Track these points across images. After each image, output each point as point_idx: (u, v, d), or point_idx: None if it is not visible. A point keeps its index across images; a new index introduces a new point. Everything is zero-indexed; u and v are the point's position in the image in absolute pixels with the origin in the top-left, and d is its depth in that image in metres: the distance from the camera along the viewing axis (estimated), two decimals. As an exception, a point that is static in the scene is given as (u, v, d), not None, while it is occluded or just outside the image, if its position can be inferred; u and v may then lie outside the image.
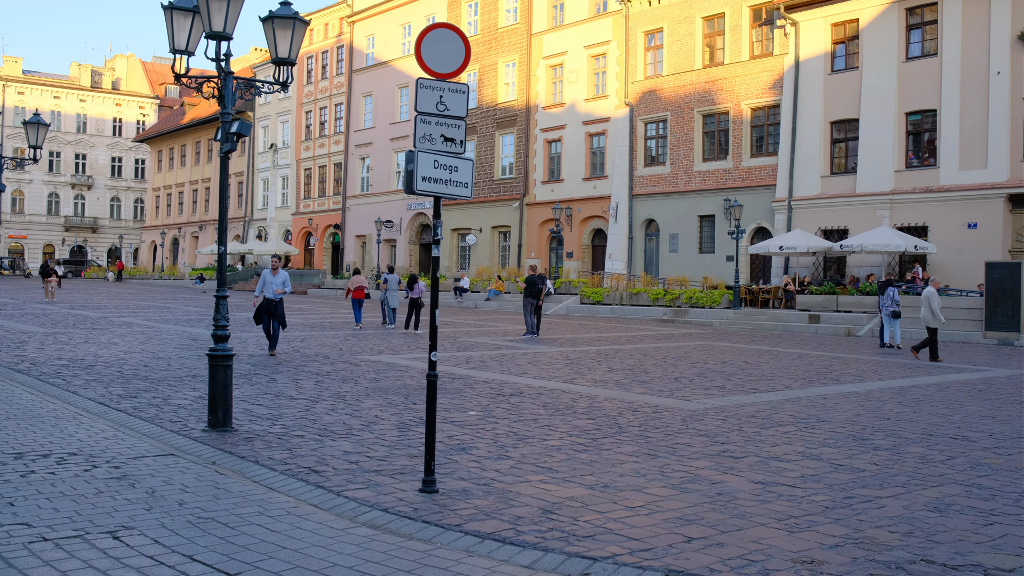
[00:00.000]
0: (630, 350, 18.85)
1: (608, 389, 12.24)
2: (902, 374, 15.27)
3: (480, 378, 13.15)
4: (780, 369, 15.58)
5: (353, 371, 13.68)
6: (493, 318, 30.70)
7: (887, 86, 30.86)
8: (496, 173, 46.11)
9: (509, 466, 7.27)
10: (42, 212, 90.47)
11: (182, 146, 76.66)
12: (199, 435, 8.37)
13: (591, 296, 34.71)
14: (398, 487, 6.52)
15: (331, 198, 58.64)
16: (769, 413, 10.38)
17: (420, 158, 6.21)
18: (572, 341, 21.21)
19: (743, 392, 12.28)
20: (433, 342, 6.44)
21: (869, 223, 30.39)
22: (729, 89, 35.91)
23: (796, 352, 19.46)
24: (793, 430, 9.26)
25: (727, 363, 16.43)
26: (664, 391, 12.16)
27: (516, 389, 12.01)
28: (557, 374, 13.91)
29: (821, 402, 11.43)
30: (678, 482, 6.83)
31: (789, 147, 33.46)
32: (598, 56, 41.41)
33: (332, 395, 11.07)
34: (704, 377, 13.99)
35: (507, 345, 19.45)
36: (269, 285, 14.97)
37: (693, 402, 11.19)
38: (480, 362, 15.51)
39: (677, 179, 37.67)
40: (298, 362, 14.78)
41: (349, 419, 9.35)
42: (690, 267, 36.10)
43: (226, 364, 8.70)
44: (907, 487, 6.82)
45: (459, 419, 9.48)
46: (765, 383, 13.41)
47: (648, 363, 16.04)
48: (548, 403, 10.78)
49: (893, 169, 30.63)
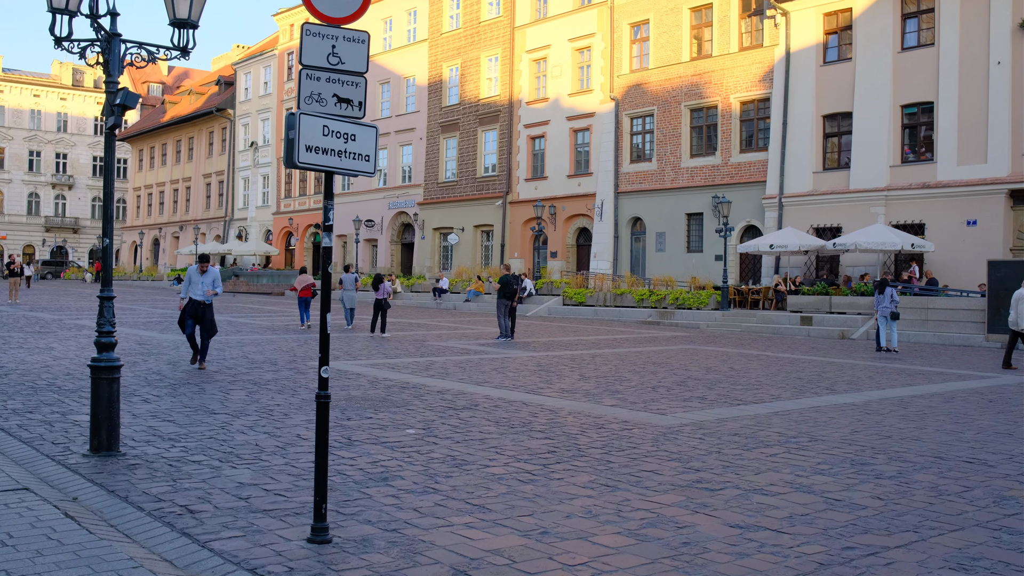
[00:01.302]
0: (608, 355, 17.54)
1: (575, 401, 10.92)
2: (902, 382, 13.98)
3: (435, 388, 11.82)
4: (768, 376, 14.29)
5: (296, 380, 12.34)
6: (470, 320, 29.37)
7: (882, 78, 29.62)
8: (479, 170, 44.77)
9: (433, 503, 5.95)
10: (22, 212, 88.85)
11: (163, 145, 75.15)
12: (75, 462, 7.04)
13: (574, 297, 33.39)
14: (283, 534, 5.19)
15: (312, 197, 57.23)
16: (754, 430, 9.07)
17: (304, 123, 4.88)
18: (547, 345, 19.89)
19: (726, 404, 10.97)
20: (324, 354, 5.09)
21: (863, 220, 29.15)
22: (717, 82, 34.64)
23: (787, 357, 18.17)
24: (781, 452, 7.96)
25: (711, 369, 15.13)
26: (637, 403, 10.85)
27: (471, 401, 10.68)
28: (522, 383, 12.59)
29: (813, 416, 10.14)
30: (637, 526, 5.52)
31: (780, 142, 32.20)
32: (583, 49, 40.10)
33: (259, 409, 9.73)
34: (684, 386, 12.68)
35: (476, 349, 18.12)
36: (196, 285, 13.10)
37: (668, 416, 9.88)
38: (441, 369, 14.18)
39: (664, 176, 36.39)
40: (240, 369, 13.43)
41: (265, 439, 8.02)
42: (677, 267, 34.82)
43: (111, 377, 7.36)
44: (920, 532, 5.51)
45: (394, 439, 8.15)
46: (751, 393, 12.10)
47: (625, 370, 14.73)
48: (502, 419, 9.46)
49: (888, 164, 29.38)
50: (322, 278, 5.14)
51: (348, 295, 23.38)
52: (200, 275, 13.11)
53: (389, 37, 51.32)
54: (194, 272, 13.25)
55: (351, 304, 23.46)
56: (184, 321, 13.15)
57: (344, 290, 23.48)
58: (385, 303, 21.51)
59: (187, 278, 13.18)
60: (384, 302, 21.50)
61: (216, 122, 66.52)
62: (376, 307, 21.62)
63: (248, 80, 64.22)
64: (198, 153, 69.58)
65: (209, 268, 13.10)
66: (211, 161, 67.89)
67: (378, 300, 21.58)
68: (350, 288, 23.44)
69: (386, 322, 21.59)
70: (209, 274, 13.06)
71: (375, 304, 21.70)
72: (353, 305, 23.57)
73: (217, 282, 13.07)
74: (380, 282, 21.81)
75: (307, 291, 23.14)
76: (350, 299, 23.42)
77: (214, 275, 13.09)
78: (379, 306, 21.52)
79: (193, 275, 13.22)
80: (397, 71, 50.28)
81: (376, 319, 21.59)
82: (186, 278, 13.23)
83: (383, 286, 21.69)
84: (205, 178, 68.64)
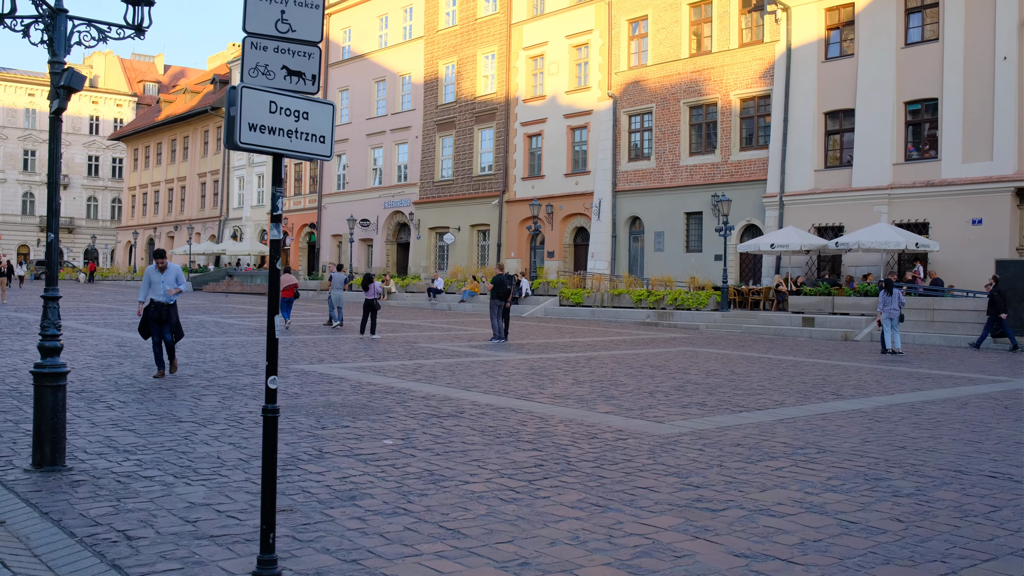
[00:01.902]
0: (604, 357, 16.91)
1: (567, 407, 10.30)
2: (911, 386, 13.35)
3: (420, 393, 11.20)
4: (771, 380, 13.66)
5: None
6: (464, 321, 28.75)
7: (885, 74, 28.99)
8: (475, 169, 44.14)
9: (403, 527, 5.33)
10: (16, 212, 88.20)
11: (158, 144, 74.48)
12: (15, 478, 6.42)
13: (570, 297, 32.75)
14: (227, 566, 4.57)
15: (307, 196, 56.58)
16: (758, 440, 8.46)
17: (247, 98, 4.24)
18: (542, 347, 19.26)
19: (727, 410, 10.36)
20: (272, 362, 4.46)
21: (866, 219, 28.52)
22: (717, 79, 34.02)
23: (789, 359, 17.55)
24: (788, 465, 7.34)
25: (711, 373, 14.50)
26: (633, 410, 10.23)
27: (457, 408, 10.06)
28: (512, 388, 11.96)
29: (820, 424, 9.52)
30: (629, 555, 4.90)
31: (781, 140, 31.58)
32: (580, 46, 39.48)
33: (229, 417, 9.10)
34: (683, 391, 12.06)
35: (468, 352, 17.49)
36: (157, 285, 11.72)
37: (666, 424, 9.26)
38: (429, 372, 13.56)
39: (663, 174, 35.77)
40: (218, 373, 12.80)
41: (229, 451, 7.40)
42: (676, 267, 34.20)
43: (56, 385, 6.76)
44: (949, 562, 4.89)
45: (368, 451, 7.53)
46: (754, 398, 11.48)
47: (621, 373, 14.11)
48: (489, 427, 8.84)
49: (891, 162, 28.76)
50: (270, 276, 4.51)
51: (336, 294, 23.34)
52: (159, 273, 11.75)
53: (385, 35, 50.70)
54: (152, 271, 11.85)
55: (339, 303, 23.36)
56: (146, 327, 11.88)
57: (332, 288, 23.39)
58: (375, 303, 20.90)
59: (145, 278, 11.79)
60: (374, 303, 20.90)
61: (211, 121, 65.87)
62: (366, 308, 21.02)
63: (243, 78, 63.50)
64: (193, 152, 68.93)
65: (169, 265, 11.87)
66: (206, 160, 67.24)
67: (368, 300, 20.98)
68: (338, 287, 23.36)
69: (376, 323, 20.97)
70: (170, 271, 11.76)
71: (365, 304, 21.11)
72: (341, 304, 23.49)
73: (180, 278, 11.87)
74: (370, 282, 21.15)
75: (289, 291, 22.68)
76: (338, 298, 23.34)
77: (175, 272, 11.84)
78: (369, 307, 20.93)
79: (152, 274, 11.82)
80: (393, 69, 49.65)
81: (366, 320, 20.98)
82: (144, 279, 11.89)
83: (373, 286, 21.06)
84: (200, 177, 67.99)
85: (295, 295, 22.69)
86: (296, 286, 22.73)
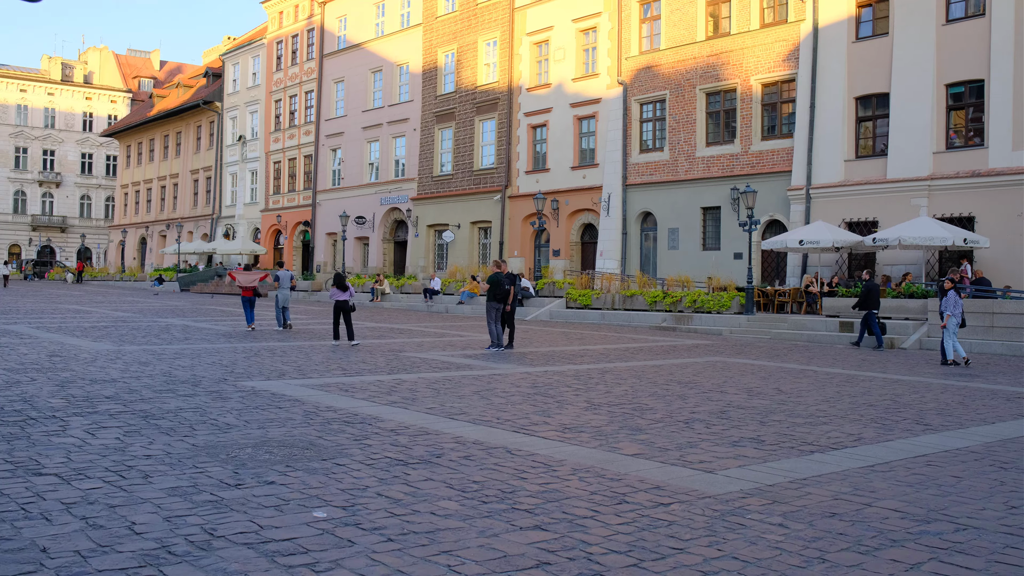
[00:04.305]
0: (621, 370, 14.36)
1: (581, 446, 7.75)
2: (1008, 411, 10.75)
3: (390, 423, 8.66)
4: (830, 403, 11.10)
5: (209, 409, 9.18)
6: (461, 325, 26.19)
7: (923, 54, 26.44)
8: (476, 163, 41.60)
9: None
10: (7, 211, 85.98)
11: (150, 140, 72.07)
12: None
13: (578, 299, 30.17)
14: None
15: (301, 193, 54.11)
16: (857, 505, 5.90)
17: None
18: (547, 357, 16.70)
19: (792, 449, 7.81)
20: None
21: (903, 213, 25.97)
22: (736, 63, 31.47)
23: (838, 372, 14.98)
24: (924, 556, 4.78)
25: (753, 392, 11.94)
26: (669, 449, 7.68)
27: (434, 447, 7.52)
28: (509, 415, 9.41)
29: (928, 473, 6.96)
30: None
31: (807, 128, 29.02)
32: (588, 30, 36.95)
33: (116, 465, 6.56)
34: (726, 419, 9.50)
35: (460, 363, 14.95)
36: None
37: (718, 475, 6.71)
38: (408, 392, 11.01)
39: (677, 166, 33.21)
40: (145, 392, 10.27)
41: (72, 534, 4.86)
42: (692, 266, 31.63)
43: None
44: None
45: (285, 535, 4.98)
46: (820, 429, 8.93)
47: (644, 392, 11.56)
48: (473, 484, 6.29)
49: (931, 151, 26.20)
50: None
51: (282, 293, 21.74)
52: None
53: (382, 23, 48.23)
54: None
55: (284, 303, 21.78)
56: None
57: (279, 288, 21.71)
58: (347, 305, 18.31)
59: None
60: (346, 304, 18.29)
61: (204, 115, 63.46)
62: (336, 311, 18.39)
63: (236, 71, 61.16)
64: (186, 148, 66.49)
65: None
66: (198, 156, 64.80)
67: (338, 302, 18.36)
68: (285, 286, 21.74)
69: (352, 327, 18.39)
70: None
71: (335, 308, 18.43)
72: (287, 304, 21.85)
73: None
74: (344, 281, 18.59)
75: (248, 291, 21.28)
76: (284, 298, 21.77)
77: None
78: (340, 309, 18.35)
79: None
80: (390, 58, 47.16)
81: (338, 325, 18.32)
82: None
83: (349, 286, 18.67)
84: (192, 174, 65.55)
85: (255, 294, 21.24)
86: (255, 285, 21.33)
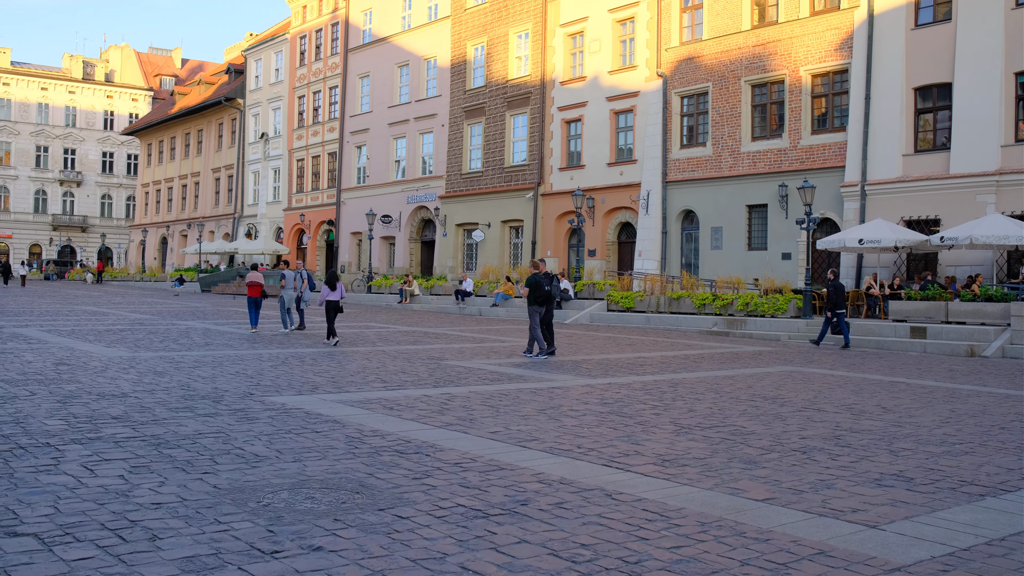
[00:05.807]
0: (692, 382, 12.83)
1: (693, 486, 6.24)
2: None
3: (453, 454, 7.18)
4: (951, 423, 9.53)
5: (233, 434, 7.73)
6: (499, 329, 24.71)
7: (991, 41, 24.72)
8: (507, 160, 40.10)
9: None
10: (28, 210, 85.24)
11: (171, 138, 71.02)
12: None
13: (620, 301, 28.60)
14: None
15: (325, 191, 52.79)
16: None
17: None
18: (603, 366, 15.17)
19: (954, 491, 6.27)
20: None
21: (968, 211, 24.29)
22: (784, 53, 29.83)
23: (936, 386, 13.38)
24: None
25: (855, 410, 10.38)
26: (802, 489, 6.16)
27: (515, 491, 6.03)
28: (591, 442, 7.90)
29: None
30: None
31: (861, 121, 27.36)
32: (625, 21, 35.39)
33: (113, 519, 5.11)
34: (845, 445, 7.96)
35: (512, 374, 13.45)
36: None
37: (888, 532, 5.18)
38: (463, 410, 9.53)
39: (721, 162, 31.60)
40: (157, 412, 8.84)
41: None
42: (737, 266, 30.01)
43: None
44: None
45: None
46: (968, 461, 7.37)
47: (733, 411, 10.03)
48: (584, 547, 4.78)
49: (999, 144, 24.49)
50: None
51: (288, 294, 20.78)
52: None
53: (408, 16, 46.83)
54: None
55: (290, 304, 20.89)
56: None
57: (284, 289, 20.79)
58: (337, 305, 18.11)
59: None
60: (336, 304, 18.12)
61: (225, 113, 62.30)
62: (328, 310, 18.14)
63: (259, 67, 59.95)
64: (207, 146, 65.36)
65: None
66: (220, 155, 63.63)
67: (330, 302, 18.12)
68: (290, 287, 20.85)
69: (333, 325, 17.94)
70: None
71: (327, 307, 18.14)
72: (291, 305, 20.89)
73: None
74: (335, 280, 18.34)
75: (255, 290, 20.58)
76: (289, 299, 20.83)
77: None
78: (332, 308, 18.10)
79: None
80: (417, 52, 45.76)
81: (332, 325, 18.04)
82: None
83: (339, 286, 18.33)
84: (214, 173, 64.38)
85: (262, 295, 20.58)
86: (261, 283, 20.77)
